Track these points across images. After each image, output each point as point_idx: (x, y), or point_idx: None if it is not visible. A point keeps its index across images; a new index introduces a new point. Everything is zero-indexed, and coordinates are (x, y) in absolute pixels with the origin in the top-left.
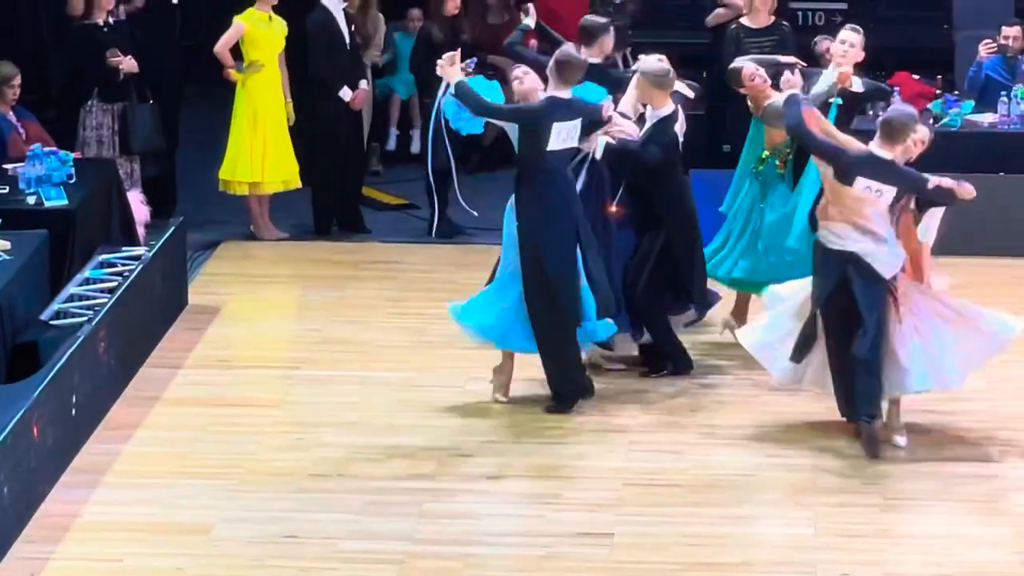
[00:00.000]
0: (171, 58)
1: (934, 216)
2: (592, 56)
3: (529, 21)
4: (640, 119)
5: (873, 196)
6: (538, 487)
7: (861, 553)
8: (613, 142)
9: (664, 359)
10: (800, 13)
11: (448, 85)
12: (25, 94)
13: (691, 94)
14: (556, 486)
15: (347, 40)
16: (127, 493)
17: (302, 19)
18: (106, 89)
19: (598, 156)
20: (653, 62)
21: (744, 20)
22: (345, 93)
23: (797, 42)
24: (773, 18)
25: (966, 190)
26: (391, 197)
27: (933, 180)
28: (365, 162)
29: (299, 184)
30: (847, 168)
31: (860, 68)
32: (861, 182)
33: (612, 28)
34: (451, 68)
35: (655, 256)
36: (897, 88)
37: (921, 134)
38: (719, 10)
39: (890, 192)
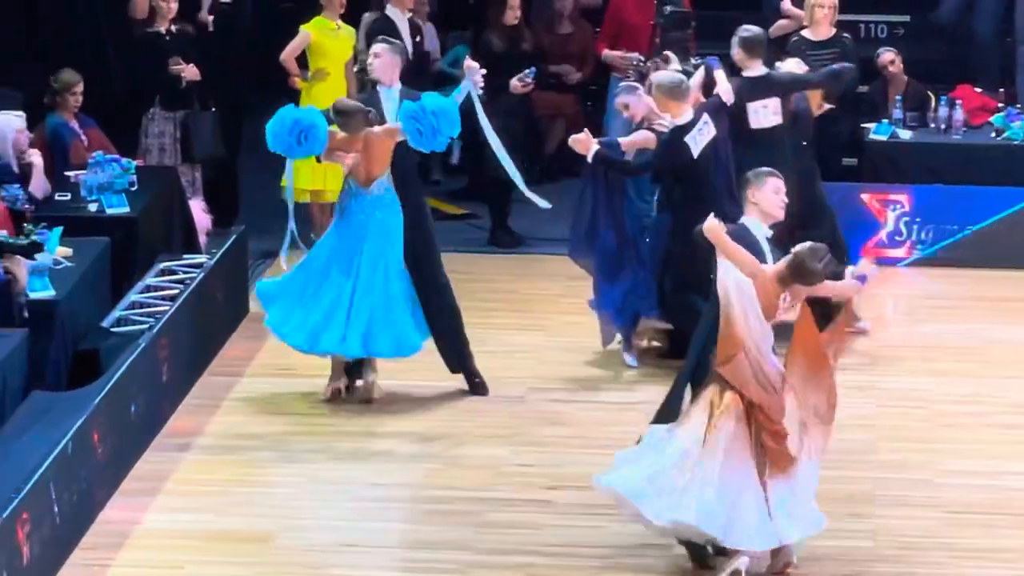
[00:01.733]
0: (234, 66)
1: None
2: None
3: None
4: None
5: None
6: (597, 497)
7: (920, 566)
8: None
9: None
10: (862, 25)
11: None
12: (86, 101)
13: (727, 96)
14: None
15: (409, 49)
16: (186, 501)
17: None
18: (168, 97)
19: None
20: (665, 73)
21: (806, 32)
22: None
23: (858, 54)
24: (835, 30)
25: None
26: (452, 207)
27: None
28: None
29: None
30: None
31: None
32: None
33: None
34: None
35: (677, 256)
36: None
37: None
38: (781, 21)
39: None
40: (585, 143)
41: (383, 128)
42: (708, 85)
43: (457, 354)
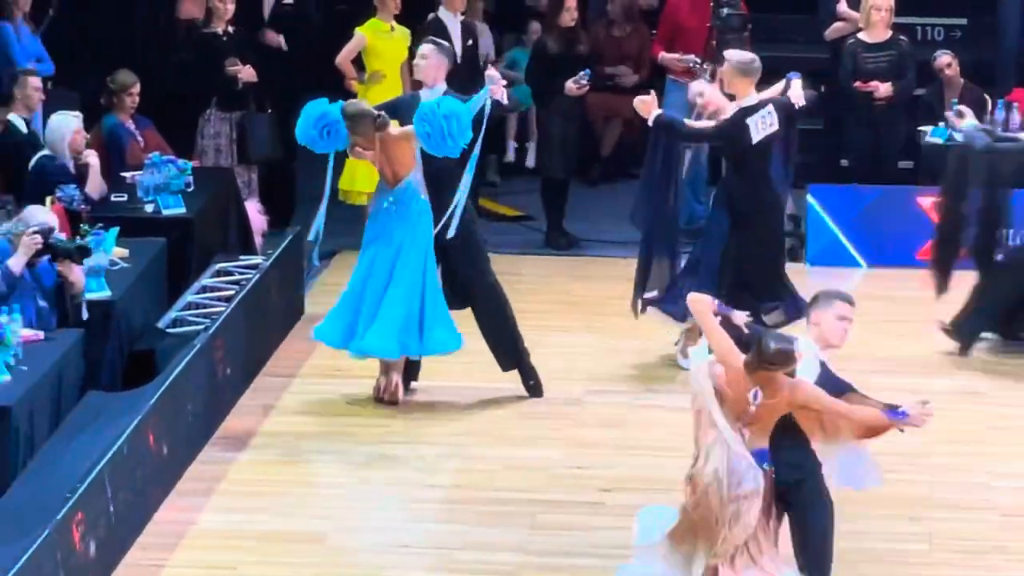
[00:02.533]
0: (291, 68)
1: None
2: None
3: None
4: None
5: None
6: (651, 499)
7: (976, 570)
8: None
9: None
10: (919, 28)
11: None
12: (142, 102)
13: (798, 101)
14: (667, 499)
15: (458, 53)
16: (241, 501)
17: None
18: (224, 98)
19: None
20: (741, 52)
21: (862, 35)
22: None
23: (915, 57)
24: (891, 33)
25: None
26: (508, 209)
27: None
28: (481, 175)
29: None
30: None
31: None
32: None
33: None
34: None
35: (735, 253)
36: None
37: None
38: (837, 24)
39: None
40: (649, 105)
41: (400, 130)
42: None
43: (508, 353)
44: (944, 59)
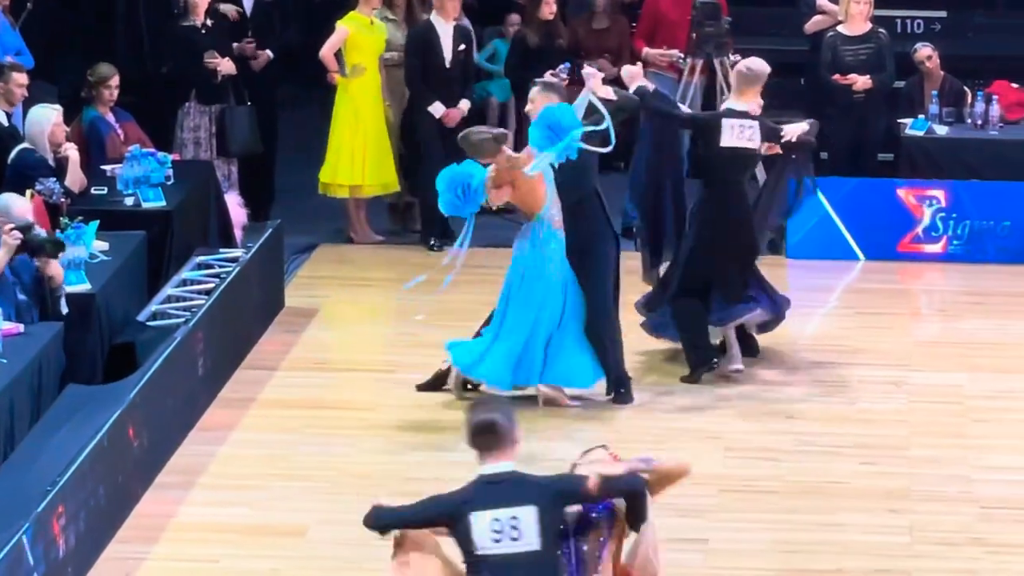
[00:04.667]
0: (269, 61)
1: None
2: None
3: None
4: None
5: None
6: None
7: (957, 561)
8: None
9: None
10: (899, 20)
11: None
12: (122, 95)
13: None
14: None
15: (448, 57)
16: (222, 495)
17: None
18: (204, 91)
19: None
20: (752, 58)
21: (841, 28)
22: (436, 108)
23: (894, 50)
24: (870, 25)
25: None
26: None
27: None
28: None
29: (398, 188)
30: None
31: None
32: None
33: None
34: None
35: (685, 253)
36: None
37: None
38: (817, 17)
39: None
40: (636, 75)
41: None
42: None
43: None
44: (924, 51)
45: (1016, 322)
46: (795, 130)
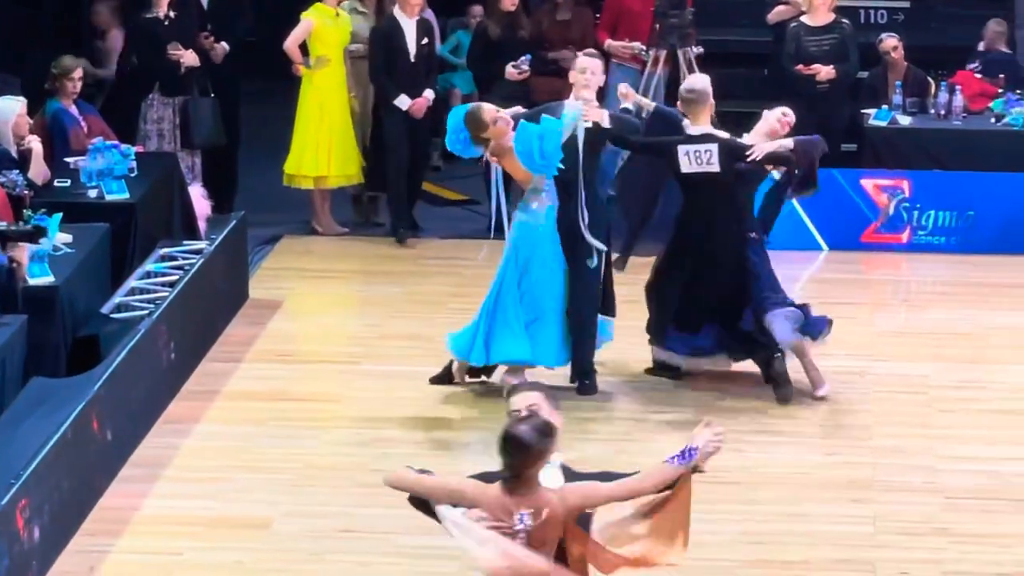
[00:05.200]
0: (231, 53)
1: None
2: None
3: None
4: None
5: None
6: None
7: (920, 551)
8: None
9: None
10: (862, 11)
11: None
12: (85, 86)
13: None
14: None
15: (412, 51)
16: (186, 487)
17: None
18: (167, 83)
19: None
20: (697, 77)
21: (804, 18)
22: (402, 101)
23: (857, 40)
24: (834, 16)
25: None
26: (452, 193)
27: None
28: (425, 158)
29: (361, 180)
30: None
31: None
32: None
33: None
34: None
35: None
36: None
37: None
38: (780, 7)
39: None
40: (628, 96)
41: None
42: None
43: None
44: (890, 42)
45: (980, 312)
46: (765, 148)
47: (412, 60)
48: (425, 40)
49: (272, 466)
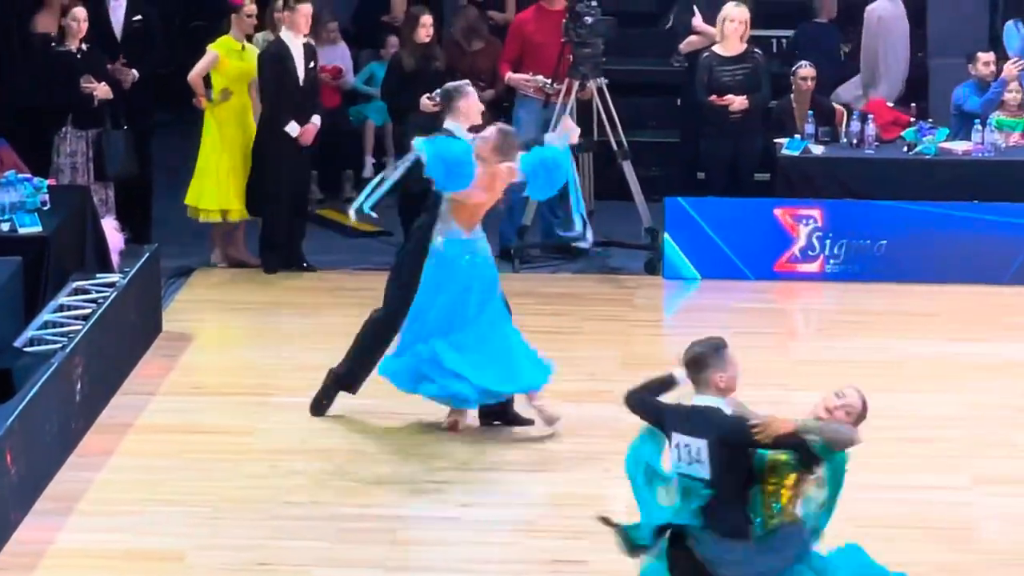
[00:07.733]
0: (144, 85)
1: None
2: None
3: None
4: None
5: None
6: (512, 515)
7: None
8: None
9: None
10: (774, 40)
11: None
12: None
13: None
14: (530, 514)
15: (301, 75)
16: (100, 521)
17: None
18: (80, 116)
19: None
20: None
21: (717, 48)
22: (292, 128)
23: (769, 70)
24: (746, 46)
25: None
26: (365, 224)
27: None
28: (338, 190)
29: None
30: None
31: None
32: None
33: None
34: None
35: None
36: None
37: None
38: (692, 38)
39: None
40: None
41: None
42: None
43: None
44: (809, 71)
45: (893, 341)
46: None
47: (300, 84)
48: (312, 64)
49: (186, 499)
